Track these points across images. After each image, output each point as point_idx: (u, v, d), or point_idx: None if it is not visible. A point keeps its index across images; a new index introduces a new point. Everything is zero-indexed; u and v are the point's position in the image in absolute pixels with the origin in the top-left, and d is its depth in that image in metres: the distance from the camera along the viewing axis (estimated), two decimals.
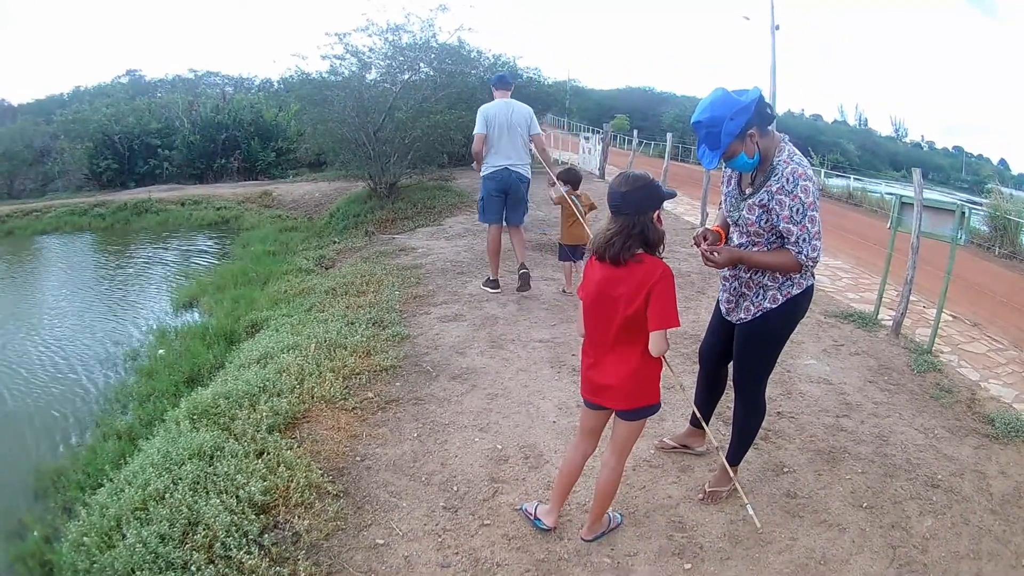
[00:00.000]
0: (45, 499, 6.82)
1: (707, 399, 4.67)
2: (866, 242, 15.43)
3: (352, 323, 8.12)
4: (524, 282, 8.94)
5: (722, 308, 4.25)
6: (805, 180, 3.61)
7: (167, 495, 4.45)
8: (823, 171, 35.30)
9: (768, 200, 3.72)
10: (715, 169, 3.85)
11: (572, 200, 8.24)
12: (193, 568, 3.76)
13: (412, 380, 6.50)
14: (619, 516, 4.17)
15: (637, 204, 3.37)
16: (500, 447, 5.10)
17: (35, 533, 6.04)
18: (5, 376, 10.71)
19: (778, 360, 4.24)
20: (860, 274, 11.82)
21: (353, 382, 6.43)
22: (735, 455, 4.34)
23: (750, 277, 3.97)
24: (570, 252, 8.91)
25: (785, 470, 4.72)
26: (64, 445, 8.01)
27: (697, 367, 4.72)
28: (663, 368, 3.60)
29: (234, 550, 3.87)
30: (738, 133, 3.60)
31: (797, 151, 3.72)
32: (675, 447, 4.92)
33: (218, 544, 3.93)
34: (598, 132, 23.38)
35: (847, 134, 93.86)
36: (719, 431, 5.19)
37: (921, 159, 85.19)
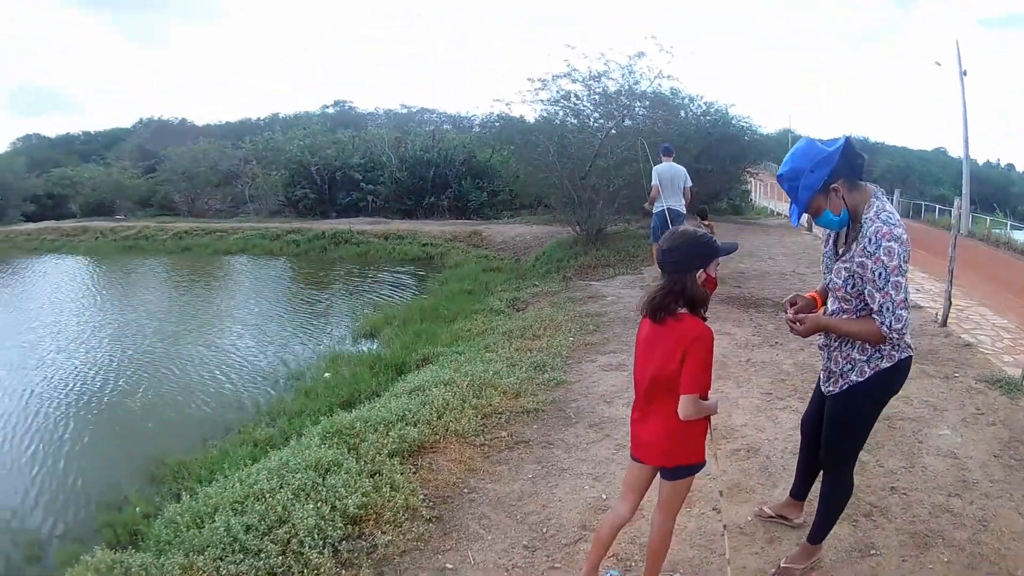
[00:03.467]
0: (159, 485, 7.79)
1: (807, 469, 4.59)
2: None
3: (513, 365, 8.57)
4: None
5: (821, 377, 4.14)
6: (890, 240, 3.42)
7: (268, 496, 5.03)
8: (1008, 223, 32.61)
9: (854, 262, 3.59)
10: (798, 227, 3.61)
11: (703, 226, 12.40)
12: (263, 556, 4.29)
13: (550, 424, 6.79)
14: None
15: (678, 261, 3.41)
16: (605, 497, 5.23)
17: (137, 509, 6.93)
18: (171, 373, 12.45)
19: (912, 429, 4.09)
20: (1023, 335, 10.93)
21: (492, 420, 6.84)
22: (817, 533, 4.22)
23: (840, 347, 3.85)
24: None
25: (872, 552, 4.50)
26: (200, 443, 8.98)
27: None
28: (709, 428, 3.65)
29: (308, 549, 4.36)
30: (820, 187, 3.53)
31: (888, 207, 3.57)
32: (772, 516, 4.80)
33: (295, 541, 4.44)
34: None
35: None
36: None
37: None
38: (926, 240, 21.06)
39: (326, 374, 11.22)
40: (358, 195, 39.54)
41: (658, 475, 3.74)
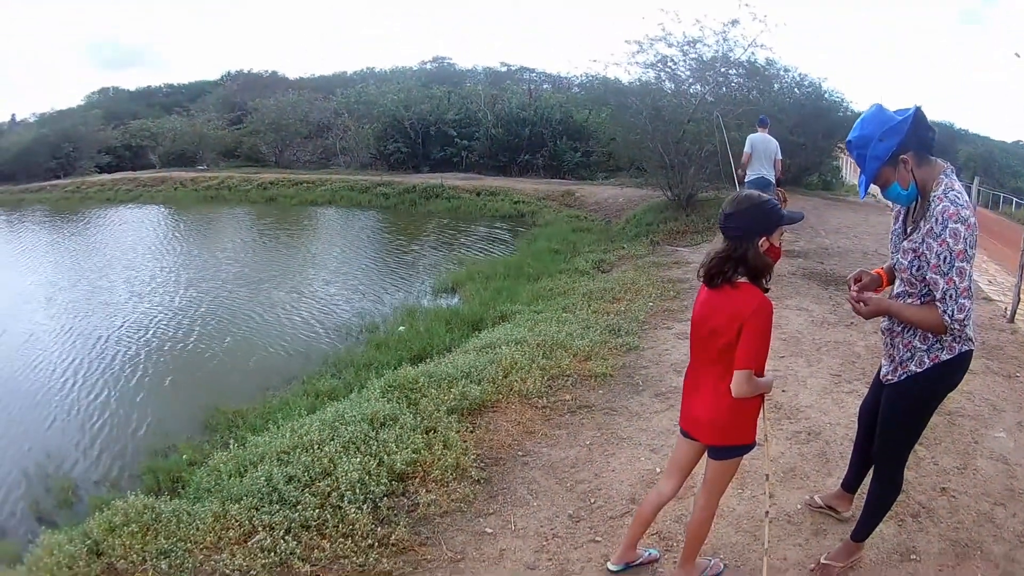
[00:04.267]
0: (212, 433, 7.89)
1: (861, 461, 4.38)
2: None
3: (588, 327, 8.49)
4: None
5: (882, 364, 3.95)
6: (956, 222, 3.22)
7: (316, 447, 5.06)
8: None
9: (920, 243, 3.41)
10: (865, 199, 3.38)
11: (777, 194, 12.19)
12: (300, 508, 4.31)
13: (616, 390, 6.69)
14: (722, 564, 4.05)
15: (741, 227, 3.24)
16: (659, 471, 5.06)
17: (184, 456, 7.01)
18: (244, 321, 12.78)
19: (970, 427, 3.86)
20: None
21: (558, 383, 6.77)
22: (861, 531, 4.06)
23: (902, 334, 3.67)
24: None
25: (912, 557, 4.33)
26: (261, 391, 9.09)
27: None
28: (762, 407, 3.50)
29: (347, 503, 4.35)
30: (887, 157, 3.35)
31: (956, 185, 3.38)
32: (822, 507, 4.65)
33: (336, 494, 4.44)
34: None
35: None
36: None
37: None
38: (1002, 231, 20.38)
39: (400, 327, 11.22)
40: (452, 150, 39.28)
41: (705, 453, 3.59)
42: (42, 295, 15.34)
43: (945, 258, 3.24)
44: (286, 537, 4.04)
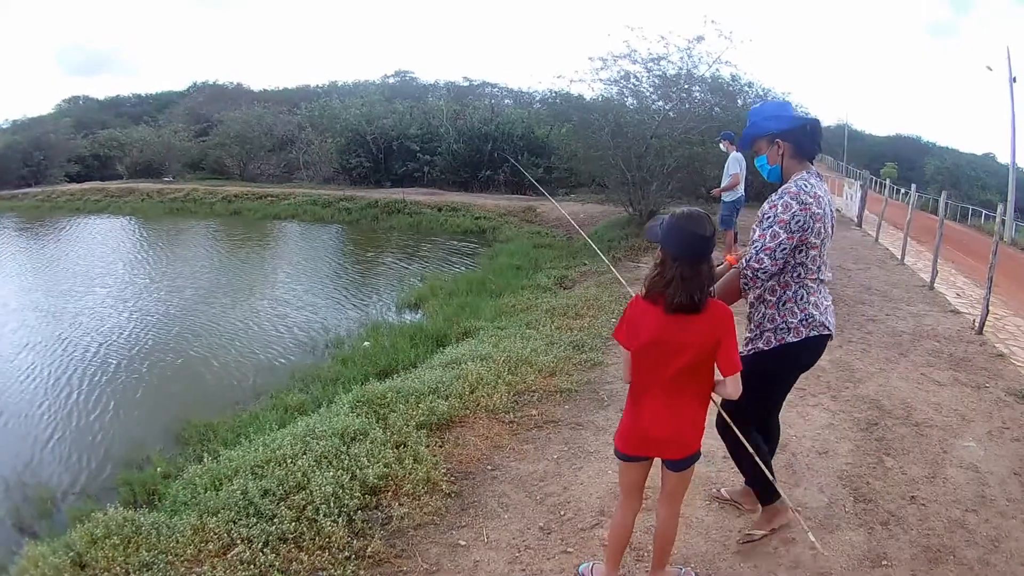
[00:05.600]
0: (184, 446, 7.96)
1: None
2: None
3: (552, 343, 8.60)
4: None
5: None
6: (791, 199, 3.73)
7: (290, 461, 5.11)
8: None
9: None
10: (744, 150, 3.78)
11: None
12: (276, 521, 4.35)
13: (582, 405, 6.78)
14: (693, 573, 4.08)
15: (712, 246, 3.36)
16: None
17: (158, 469, 7.07)
18: (211, 335, 12.83)
19: (939, 437, 3.99)
20: None
21: (524, 398, 6.87)
22: (756, 495, 4.41)
23: (753, 314, 4.08)
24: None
25: (884, 563, 4.43)
26: (231, 405, 9.16)
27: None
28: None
29: (322, 516, 4.40)
30: (763, 133, 3.99)
31: (813, 181, 3.85)
32: (729, 501, 4.87)
33: (311, 508, 4.49)
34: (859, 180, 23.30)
35: None
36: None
37: None
38: (970, 244, 20.65)
39: (365, 343, 11.31)
40: (414, 165, 39.39)
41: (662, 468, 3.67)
42: (29, 304, 15.46)
43: (768, 217, 3.77)
44: (264, 550, 4.08)
